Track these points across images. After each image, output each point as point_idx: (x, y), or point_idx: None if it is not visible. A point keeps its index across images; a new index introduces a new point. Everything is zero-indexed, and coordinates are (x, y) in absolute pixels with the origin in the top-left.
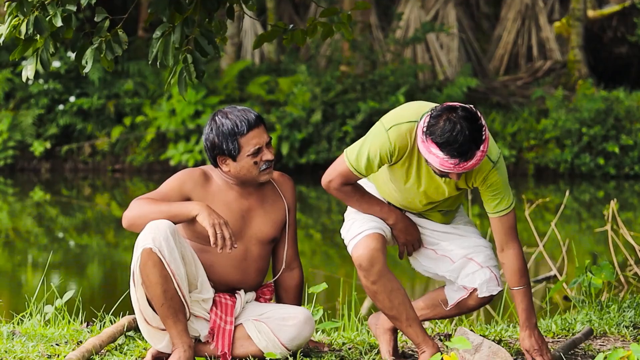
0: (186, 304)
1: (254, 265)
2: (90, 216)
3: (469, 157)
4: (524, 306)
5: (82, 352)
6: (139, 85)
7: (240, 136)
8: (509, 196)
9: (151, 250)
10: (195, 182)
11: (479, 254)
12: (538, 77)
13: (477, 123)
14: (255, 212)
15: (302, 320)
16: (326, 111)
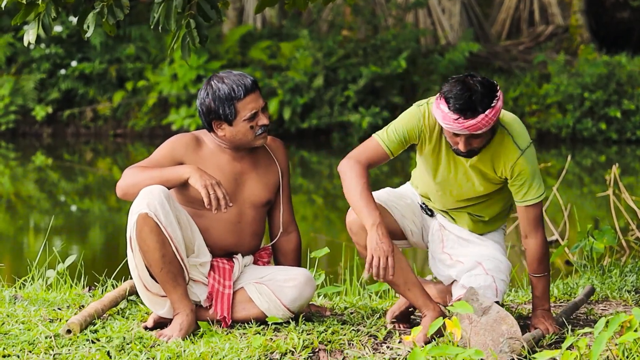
0: (185, 268)
1: (248, 229)
2: (92, 181)
3: (469, 116)
4: (538, 292)
5: (84, 316)
6: (140, 50)
7: (237, 101)
8: (537, 187)
9: (147, 215)
10: (186, 146)
11: (489, 262)
12: (540, 42)
13: (490, 90)
14: (248, 176)
15: (302, 281)
16: (328, 76)
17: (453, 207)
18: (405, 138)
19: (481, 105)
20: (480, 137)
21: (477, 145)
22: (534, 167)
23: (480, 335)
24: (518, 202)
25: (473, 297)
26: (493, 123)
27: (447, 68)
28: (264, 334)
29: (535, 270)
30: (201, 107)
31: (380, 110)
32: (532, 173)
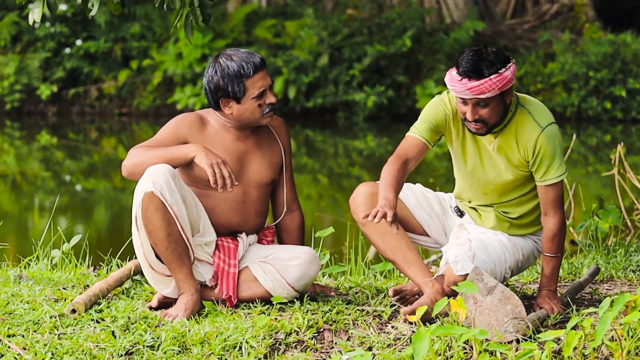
0: (190, 247)
1: (253, 208)
2: (97, 160)
3: (473, 77)
4: (547, 272)
5: (89, 295)
6: (145, 29)
7: (246, 78)
8: (557, 167)
9: (152, 194)
10: (191, 126)
11: (479, 243)
12: (545, 21)
13: (500, 59)
14: (252, 155)
15: (307, 259)
16: (333, 55)
17: (482, 202)
18: (433, 124)
19: (487, 69)
20: (487, 106)
21: (485, 116)
22: (554, 146)
23: (485, 315)
24: (538, 182)
25: (478, 277)
26: (499, 89)
27: (451, 47)
28: (268, 313)
29: (547, 249)
30: (209, 85)
31: (385, 89)
32: (552, 151)
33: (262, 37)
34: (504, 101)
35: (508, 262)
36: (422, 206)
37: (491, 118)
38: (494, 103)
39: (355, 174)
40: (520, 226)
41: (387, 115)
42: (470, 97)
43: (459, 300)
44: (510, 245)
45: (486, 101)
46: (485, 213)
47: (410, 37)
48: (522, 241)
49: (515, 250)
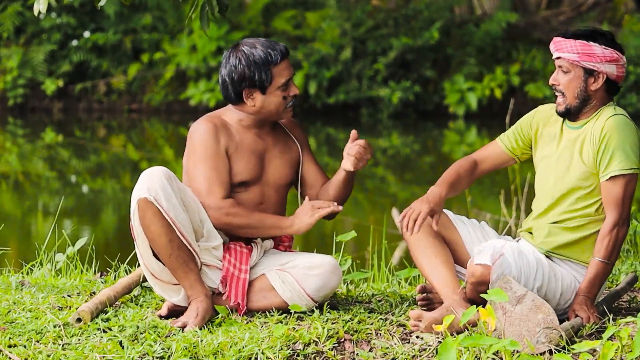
0: (195, 252)
1: (270, 210)
2: (105, 159)
3: (568, 36)
4: (590, 276)
5: (95, 303)
6: (157, 20)
7: (274, 66)
8: (622, 160)
9: (147, 200)
10: (217, 132)
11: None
12: (582, 12)
13: (606, 39)
14: (271, 154)
15: (329, 269)
16: (356, 48)
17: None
18: (519, 129)
19: (583, 36)
20: (566, 73)
21: (563, 85)
22: (623, 136)
23: (515, 325)
24: (601, 176)
25: (506, 285)
26: (579, 58)
27: (482, 40)
28: (286, 322)
29: (596, 251)
30: (231, 75)
31: (412, 84)
32: (620, 140)
33: (281, 29)
34: (587, 83)
35: (538, 280)
36: (476, 235)
37: (568, 90)
38: (573, 74)
39: (380, 174)
40: (572, 244)
41: (414, 112)
42: (554, 55)
43: (488, 309)
44: (549, 268)
45: (567, 67)
46: (538, 231)
47: (438, 29)
48: (563, 271)
49: (552, 275)
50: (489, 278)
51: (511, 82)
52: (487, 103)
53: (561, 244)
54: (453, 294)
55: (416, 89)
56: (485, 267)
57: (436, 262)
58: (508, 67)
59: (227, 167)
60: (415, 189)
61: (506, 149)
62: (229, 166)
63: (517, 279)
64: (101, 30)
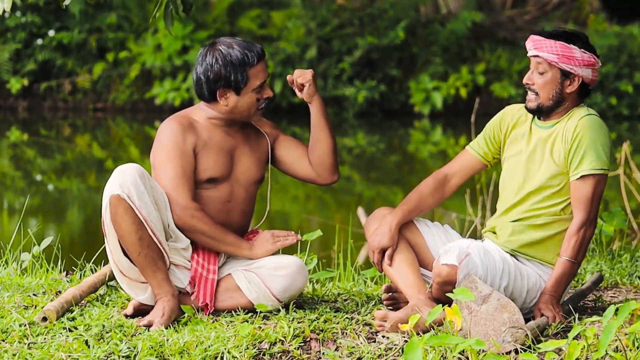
0: (164, 251)
1: (238, 208)
2: (70, 158)
3: (547, 35)
4: (556, 275)
5: (61, 302)
6: (122, 19)
7: (250, 67)
8: (593, 160)
9: (119, 197)
10: (185, 132)
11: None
12: (547, 11)
13: (583, 43)
14: (241, 151)
15: (295, 270)
16: (322, 47)
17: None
18: (489, 133)
19: (562, 37)
20: (542, 74)
21: (537, 86)
22: (595, 136)
23: (481, 324)
24: (571, 176)
25: (472, 284)
26: (557, 59)
27: (448, 39)
28: (252, 322)
29: (563, 250)
30: (207, 74)
31: (377, 83)
32: (592, 140)
33: (246, 28)
34: (563, 85)
35: (505, 279)
36: (439, 238)
37: (542, 91)
38: (550, 75)
39: (345, 173)
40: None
41: (379, 111)
42: (531, 53)
43: (454, 309)
44: (514, 266)
45: (544, 68)
46: (503, 230)
47: (403, 29)
48: (528, 270)
49: (518, 273)
50: (455, 278)
51: (476, 82)
52: (452, 102)
53: (525, 242)
54: (419, 294)
55: (382, 88)
56: (451, 267)
57: (401, 265)
58: (473, 67)
59: (193, 168)
60: (381, 188)
61: (478, 155)
62: (194, 167)
63: (484, 278)
64: (66, 29)
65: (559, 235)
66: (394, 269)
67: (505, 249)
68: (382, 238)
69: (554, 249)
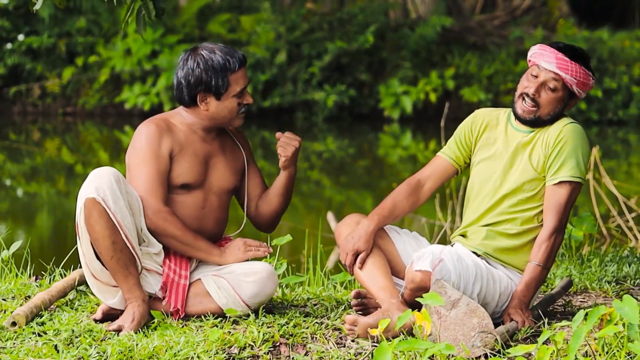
0: (136, 255)
1: (212, 215)
2: (40, 162)
3: (568, 54)
4: (525, 280)
5: (30, 307)
6: (92, 23)
7: (231, 73)
8: (573, 167)
9: (94, 200)
10: (162, 135)
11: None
12: (516, 16)
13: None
14: (217, 159)
15: (264, 276)
16: (291, 51)
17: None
18: (460, 138)
19: (581, 59)
20: (552, 91)
21: (543, 101)
22: (577, 144)
23: (450, 329)
24: (548, 181)
25: (441, 290)
26: (572, 82)
27: (417, 43)
28: (221, 327)
29: (533, 255)
30: (187, 78)
31: (347, 88)
32: (574, 147)
33: (215, 33)
34: (565, 105)
35: (478, 284)
36: (411, 245)
37: (546, 107)
38: (560, 95)
39: (315, 178)
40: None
41: (349, 115)
42: (551, 68)
43: (423, 313)
44: (487, 270)
45: (556, 85)
46: (475, 234)
47: (373, 33)
48: (500, 273)
49: (490, 277)
50: (429, 284)
51: (446, 86)
52: (422, 107)
53: (498, 247)
54: (391, 298)
55: (351, 92)
56: (425, 273)
57: (372, 269)
58: (443, 71)
59: (167, 172)
60: (350, 193)
61: (451, 160)
62: (168, 171)
63: (457, 284)
64: (35, 33)
65: (529, 244)
66: (365, 272)
67: (478, 251)
68: (358, 241)
69: (525, 256)
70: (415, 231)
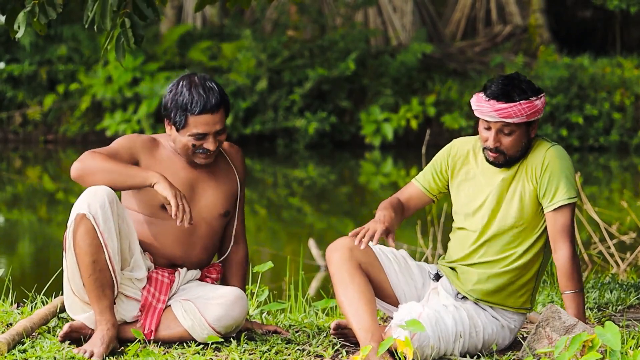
0: (115, 280)
1: (200, 242)
2: (21, 190)
3: (503, 99)
4: (574, 312)
5: (12, 334)
6: (73, 51)
7: (191, 114)
8: (567, 189)
9: (85, 216)
10: (143, 145)
11: (432, 313)
12: (497, 43)
13: (532, 89)
14: (206, 184)
15: (231, 299)
16: (272, 78)
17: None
18: (436, 168)
19: (518, 94)
20: (510, 134)
21: (507, 146)
22: (563, 163)
23: None
24: (546, 207)
25: (555, 314)
26: (526, 117)
27: (398, 70)
28: (203, 354)
29: (565, 286)
30: (163, 98)
31: (328, 115)
32: (561, 168)
33: (196, 60)
34: (529, 134)
35: (458, 341)
36: (402, 274)
37: (512, 149)
38: (518, 133)
39: (296, 204)
40: (501, 288)
41: (330, 142)
42: (496, 120)
43: (406, 340)
44: (469, 323)
45: (511, 129)
46: (466, 274)
47: (354, 60)
48: (485, 321)
49: (472, 330)
50: None
51: (427, 113)
52: (403, 134)
53: (490, 290)
54: (371, 340)
55: (332, 119)
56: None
57: (358, 305)
58: (424, 98)
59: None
60: (332, 220)
61: (424, 189)
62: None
63: (437, 346)
64: (16, 61)
65: (519, 280)
66: (349, 306)
67: (469, 297)
68: (387, 221)
69: (517, 293)
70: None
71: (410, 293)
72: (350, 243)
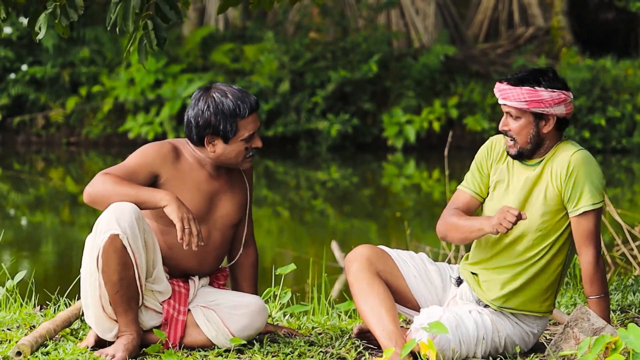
0: (141, 293)
1: (214, 252)
2: (44, 192)
3: (513, 83)
4: (601, 316)
5: (35, 337)
6: (95, 53)
7: (241, 119)
8: (592, 194)
9: (117, 237)
10: (164, 158)
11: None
12: (519, 45)
13: (551, 80)
14: (223, 195)
15: (254, 310)
16: (294, 81)
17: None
18: (479, 168)
19: (527, 81)
20: (516, 120)
21: (513, 132)
22: (589, 168)
23: None
24: (571, 212)
25: (584, 316)
26: (527, 105)
27: (420, 72)
28: (226, 356)
29: (589, 292)
30: (196, 119)
31: (350, 117)
32: (586, 173)
33: (219, 62)
34: (539, 127)
35: (480, 345)
36: (421, 279)
37: (520, 136)
38: (524, 121)
39: (319, 207)
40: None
41: (352, 144)
42: (501, 102)
43: (429, 343)
44: (491, 326)
45: (517, 114)
46: (488, 282)
47: (376, 62)
48: (507, 326)
49: (495, 333)
50: None
51: (449, 115)
52: (425, 136)
53: (512, 296)
54: (394, 344)
55: (354, 121)
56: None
57: (380, 312)
58: (446, 100)
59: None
60: (354, 222)
61: (474, 194)
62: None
63: (458, 349)
64: (39, 63)
65: (545, 282)
66: (371, 312)
67: (492, 306)
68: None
69: (540, 297)
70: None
71: (430, 297)
72: (367, 252)
